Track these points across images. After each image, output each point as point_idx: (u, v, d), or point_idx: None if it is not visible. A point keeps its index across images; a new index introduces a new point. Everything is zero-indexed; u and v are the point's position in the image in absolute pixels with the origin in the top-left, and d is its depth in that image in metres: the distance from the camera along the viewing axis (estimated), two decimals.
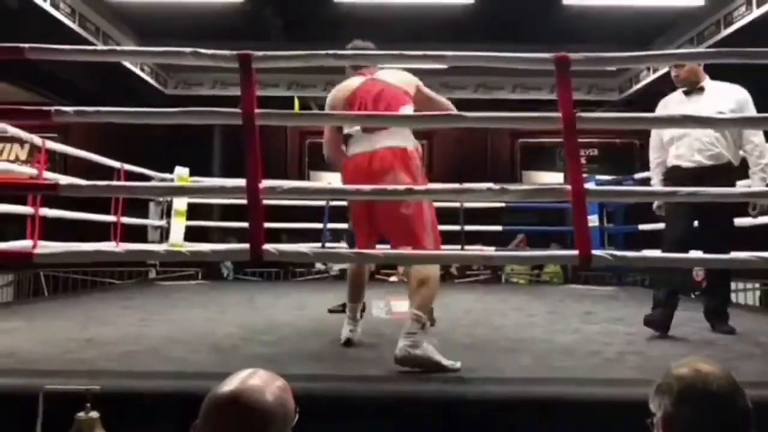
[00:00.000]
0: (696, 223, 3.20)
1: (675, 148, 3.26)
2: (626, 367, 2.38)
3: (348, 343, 2.76)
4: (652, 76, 8.51)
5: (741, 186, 3.16)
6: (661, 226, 5.45)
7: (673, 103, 3.30)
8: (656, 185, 3.38)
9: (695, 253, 3.15)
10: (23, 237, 4.49)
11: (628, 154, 11.23)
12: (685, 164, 3.21)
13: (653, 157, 3.43)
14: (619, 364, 2.42)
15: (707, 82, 3.26)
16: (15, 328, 3.14)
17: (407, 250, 2.50)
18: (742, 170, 3.22)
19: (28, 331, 3.10)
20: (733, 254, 2.53)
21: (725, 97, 3.16)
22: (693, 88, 3.24)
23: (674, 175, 3.25)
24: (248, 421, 1.04)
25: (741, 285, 6.97)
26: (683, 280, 3.70)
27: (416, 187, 2.53)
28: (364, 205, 2.70)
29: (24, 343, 2.67)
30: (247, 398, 1.06)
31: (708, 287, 3.41)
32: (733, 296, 6.52)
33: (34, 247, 4.27)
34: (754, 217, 3.24)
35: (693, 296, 6.14)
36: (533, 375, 2.24)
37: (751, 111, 3.09)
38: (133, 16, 7.71)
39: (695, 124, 2.58)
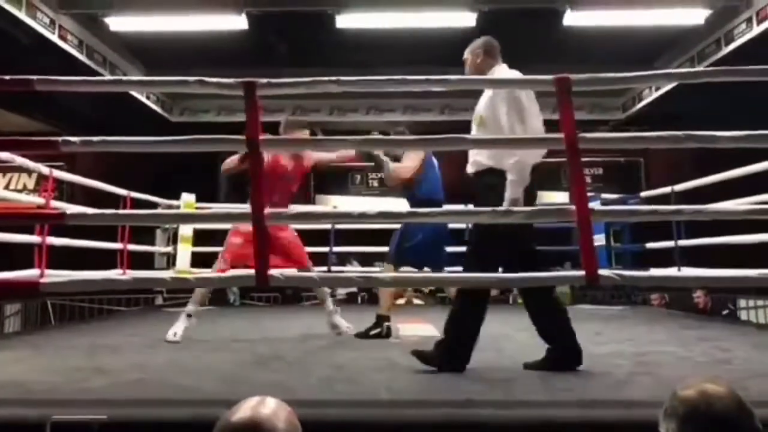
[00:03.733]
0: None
1: None
2: (637, 388, 2.35)
3: None
4: (655, 95, 8.55)
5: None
6: (670, 243, 5.49)
7: None
8: None
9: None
10: (31, 266, 4.51)
11: (633, 172, 11.23)
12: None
13: None
14: (631, 386, 2.39)
15: (497, 71, 2.84)
16: (23, 358, 3.14)
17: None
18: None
19: (35, 360, 3.10)
20: (741, 272, 2.50)
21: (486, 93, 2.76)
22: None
23: None
24: None
25: (752, 303, 6.91)
26: None
27: (419, 210, 2.54)
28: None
29: (31, 373, 2.66)
30: (264, 427, 1.05)
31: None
32: (743, 314, 6.47)
33: (41, 276, 4.28)
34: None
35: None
36: (543, 398, 2.21)
37: (500, 104, 2.65)
38: (139, 46, 7.83)
39: (694, 142, 2.56)
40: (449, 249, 4.32)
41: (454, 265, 4.22)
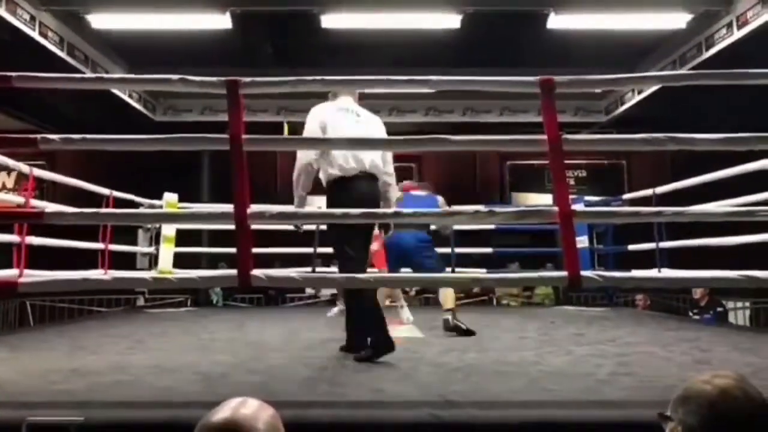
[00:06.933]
0: None
1: None
2: (619, 388, 2.36)
3: None
4: (638, 98, 8.64)
5: None
6: (651, 245, 5.54)
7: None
8: None
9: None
10: (9, 265, 4.44)
11: (616, 174, 11.34)
12: None
13: None
14: (612, 386, 2.40)
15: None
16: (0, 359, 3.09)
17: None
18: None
19: (12, 361, 3.04)
20: (720, 273, 2.53)
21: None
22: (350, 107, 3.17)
23: None
24: None
25: (731, 304, 6.99)
26: None
27: (404, 210, 2.53)
28: None
29: (8, 374, 2.62)
30: (243, 427, 1.04)
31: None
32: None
33: (20, 275, 4.21)
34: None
35: (691, 314, 6.16)
36: (525, 398, 2.22)
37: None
38: (122, 44, 7.75)
39: (675, 144, 2.59)
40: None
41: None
